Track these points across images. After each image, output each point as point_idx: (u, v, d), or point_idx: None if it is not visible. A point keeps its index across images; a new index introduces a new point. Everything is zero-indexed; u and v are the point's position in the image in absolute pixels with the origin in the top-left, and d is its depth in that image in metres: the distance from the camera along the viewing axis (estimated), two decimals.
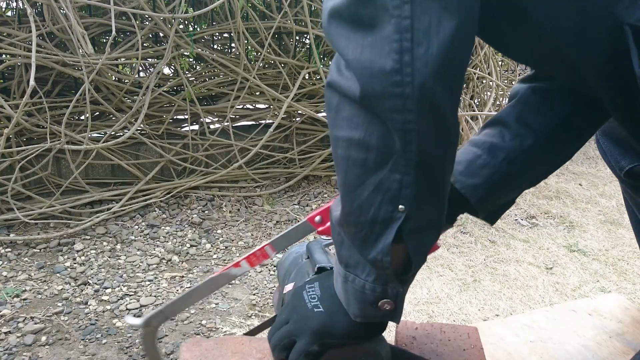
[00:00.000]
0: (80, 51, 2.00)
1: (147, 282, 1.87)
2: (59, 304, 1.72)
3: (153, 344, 0.81)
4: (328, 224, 0.76)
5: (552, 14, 0.55)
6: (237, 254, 2.12)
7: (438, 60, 0.47)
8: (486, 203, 0.74)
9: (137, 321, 0.77)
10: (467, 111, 3.11)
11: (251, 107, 2.73)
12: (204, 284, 0.79)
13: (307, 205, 2.55)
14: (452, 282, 1.98)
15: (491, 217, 0.78)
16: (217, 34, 2.58)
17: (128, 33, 2.33)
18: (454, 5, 0.47)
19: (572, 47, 0.56)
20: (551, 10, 0.55)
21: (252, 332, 0.88)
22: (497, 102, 3.44)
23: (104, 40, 2.34)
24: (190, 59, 2.53)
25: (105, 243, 2.09)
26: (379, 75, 0.48)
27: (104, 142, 2.20)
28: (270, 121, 2.64)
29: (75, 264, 1.95)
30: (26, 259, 1.96)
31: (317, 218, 0.76)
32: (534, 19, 0.56)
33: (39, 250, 2.02)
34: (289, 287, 0.75)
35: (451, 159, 0.55)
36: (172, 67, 2.49)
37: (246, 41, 2.46)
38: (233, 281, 1.88)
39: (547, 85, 0.75)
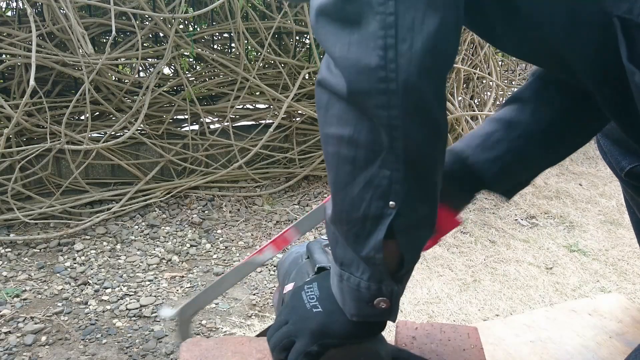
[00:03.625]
0: (80, 51, 2.00)
1: (147, 282, 1.87)
2: (59, 304, 1.72)
3: (187, 334, 0.83)
4: None
5: (540, 8, 0.55)
6: (237, 254, 2.12)
7: (422, 57, 0.47)
8: (502, 178, 0.73)
9: (171, 313, 0.78)
10: (467, 111, 3.11)
11: (251, 107, 2.73)
12: (230, 273, 0.80)
13: (307, 205, 2.55)
14: (452, 282, 1.98)
15: (507, 193, 0.77)
16: (217, 34, 2.58)
17: (128, 33, 2.33)
18: (438, 1, 0.47)
19: (562, 41, 0.56)
20: (539, 4, 0.55)
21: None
22: (497, 102, 3.44)
23: (104, 40, 2.34)
24: (190, 59, 2.53)
25: (105, 243, 2.09)
26: (364, 72, 0.48)
27: (104, 142, 2.20)
28: (270, 121, 2.64)
29: (75, 264, 1.95)
30: (26, 259, 1.96)
31: None
32: (523, 13, 0.56)
33: (39, 250, 2.02)
34: (289, 287, 0.75)
35: (441, 154, 0.55)
36: (172, 67, 2.49)
37: (246, 41, 2.46)
38: None
39: None
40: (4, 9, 2.16)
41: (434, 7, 0.47)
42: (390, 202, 0.53)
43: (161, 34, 2.38)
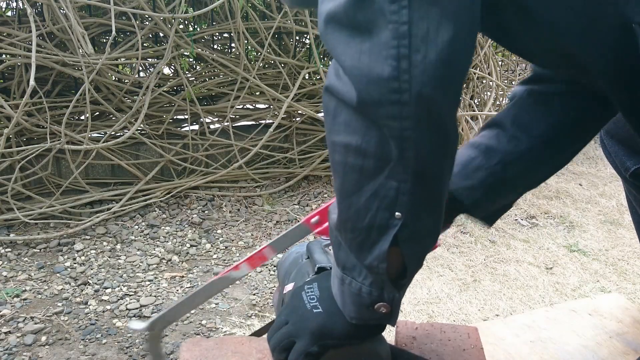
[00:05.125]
0: (80, 51, 2.00)
1: (147, 282, 1.87)
2: (59, 304, 1.72)
3: (157, 348, 0.82)
4: (325, 224, 0.76)
5: (555, 15, 0.54)
6: (237, 254, 2.12)
7: (436, 68, 0.46)
8: (482, 205, 0.74)
9: (141, 325, 0.77)
10: (467, 111, 3.11)
11: (251, 107, 2.73)
12: (204, 288, 0.79)
13: (307, 205, 2.55)
14: (452, 282, 1.98)
15: (488, 219, 0.78)
16: (217, 34, 2.58)
17: (128, 33, 2.33)
18: (452, 11, 0.46)
19: (578, 47, 0.55)
20: (555, 12, 0.54)
21: (258, 333, 0.88)
22: (497, 102, 3.44)
23: (104, 40, 2.34)
24: (190, 59, 2.53)
25: (105, 243, 2.09)
26: (376, 81, 0.47)
27: (104, 142, 2.20)
28: (270, 121, 2.64)
29: (75, 264, 1.95)
30: (26, 259, 1.96)
31: (314, 219, 0.76)
32: (539, 20, 0.56)
33: (39, 250, 2.02)
34: (289, 287, 0.75)
35: (449, 167, 0.55)
36: (172, 67, 2.49)
37: (246, 41, 2.46)
38: None
39: (545, 89, 0.75)
40: (4, 9, 2.16)
41: (449, 16, 0.46)
42: (397, 213, 0.52)
43: (161, 34, 2.38)
